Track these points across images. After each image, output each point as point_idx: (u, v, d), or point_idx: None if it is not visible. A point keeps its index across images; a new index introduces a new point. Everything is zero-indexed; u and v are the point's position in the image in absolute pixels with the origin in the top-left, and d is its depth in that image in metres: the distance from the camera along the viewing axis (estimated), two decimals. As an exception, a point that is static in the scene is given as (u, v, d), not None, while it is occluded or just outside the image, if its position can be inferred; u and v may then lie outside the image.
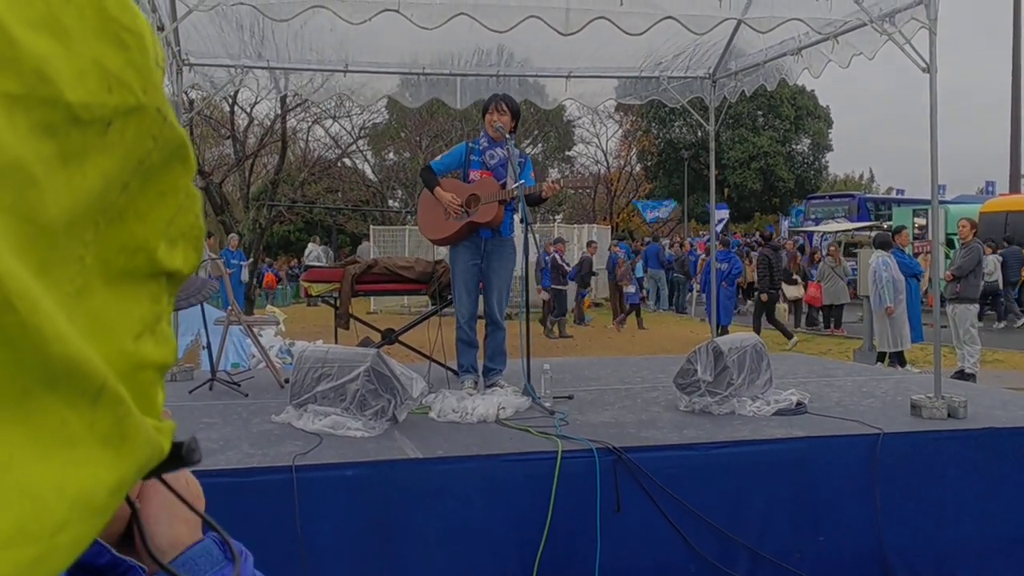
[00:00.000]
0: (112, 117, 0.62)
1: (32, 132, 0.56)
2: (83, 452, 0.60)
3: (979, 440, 5.65)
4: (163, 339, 0.71)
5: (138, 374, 0.67)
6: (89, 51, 0.60)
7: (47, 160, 0.57)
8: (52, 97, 0.57)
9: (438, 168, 7.12)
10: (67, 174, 0.59)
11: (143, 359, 0.68)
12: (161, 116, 0.66)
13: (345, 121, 35.34)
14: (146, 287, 0.69)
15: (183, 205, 0.71)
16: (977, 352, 13.58)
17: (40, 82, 0.56)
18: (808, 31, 7.69)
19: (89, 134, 0.60)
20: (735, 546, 5.14)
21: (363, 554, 4.71)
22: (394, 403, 5.59)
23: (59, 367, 0.57)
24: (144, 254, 0.68)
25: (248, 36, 8.27)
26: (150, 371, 0.69)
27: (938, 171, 6.38)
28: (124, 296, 0.67)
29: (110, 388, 0.61)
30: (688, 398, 6.27)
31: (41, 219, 0.56)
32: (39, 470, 0.56)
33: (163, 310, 0.72)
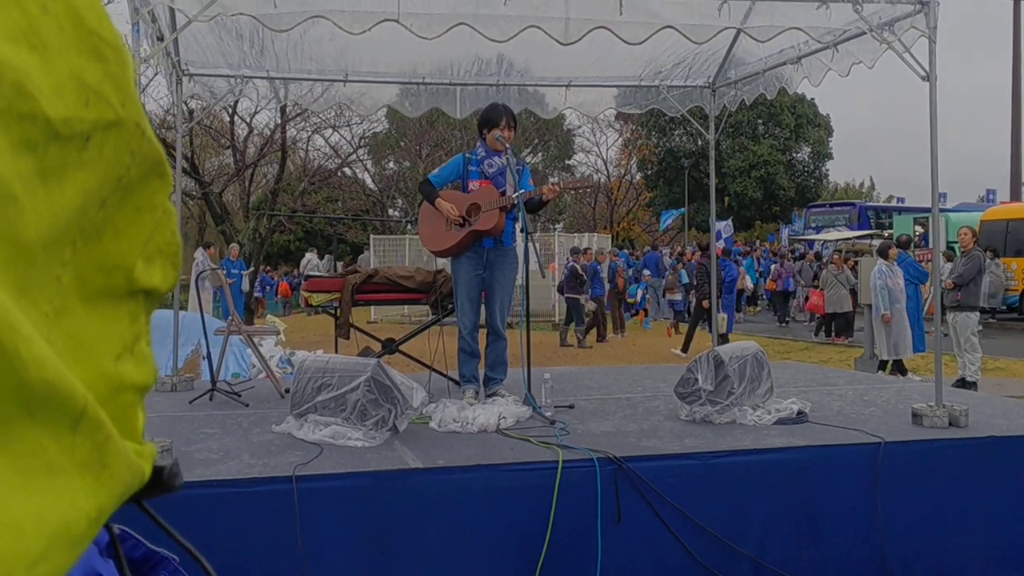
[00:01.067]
0: (91, 132, 0.60)
1: (11, 148, 0.55)
2: (62, 480, 0.58)
3: (980, 449, 5.64)
4: (143, 359, 0.69)
5: (118, 396, 0.66)
6: (67, 64, 0.59)
7: (26, 177, 0.56)
8: (31, 112, 0.56)
9: (436, 180, 7.11)
10: (46, 191, 0.57)
11: (123, 381, 0.66)
12: (140, 130, 0.65)
13: (345, 131, 35.37)
14: (124, 306, 0.68)
15: (160, 221, 0.70)
16: (978, 360, 13.56)
17: (19, 96, 0.55)
18: (808, 40, 7.69)
19: (68, 150, 0.59)
20: (736, 555, 5.13)
21: (364, 564, 4.70)
22: (395, 413, 5.58)
23: (38, 392, 0.55)
24: (122, 272, 0.66)
25: (248, 46, 8.28)
26: (130, 393, 0.67)
27: (938, 179, 6.38)
28: (102, 316, 0.65)
29: (90, 413, 0.59)
30: (689, 407, 6.26)
31: (20, 238, 0.55)
32: (16, 499, 0.54)
33: (142, 329, 0.70)
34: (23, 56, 0.56)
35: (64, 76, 0.58)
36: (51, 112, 0.57)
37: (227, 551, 4.47)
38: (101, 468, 0.61)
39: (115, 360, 0.66)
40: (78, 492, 0.59)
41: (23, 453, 0.55)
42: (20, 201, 0.55)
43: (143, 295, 0.69)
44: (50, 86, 0.57)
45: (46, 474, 0.57)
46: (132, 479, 0.66)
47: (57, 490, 0.57)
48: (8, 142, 0.55)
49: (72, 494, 0.58)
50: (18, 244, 0.55)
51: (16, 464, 0.55)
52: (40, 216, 0.57)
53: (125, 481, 0.64)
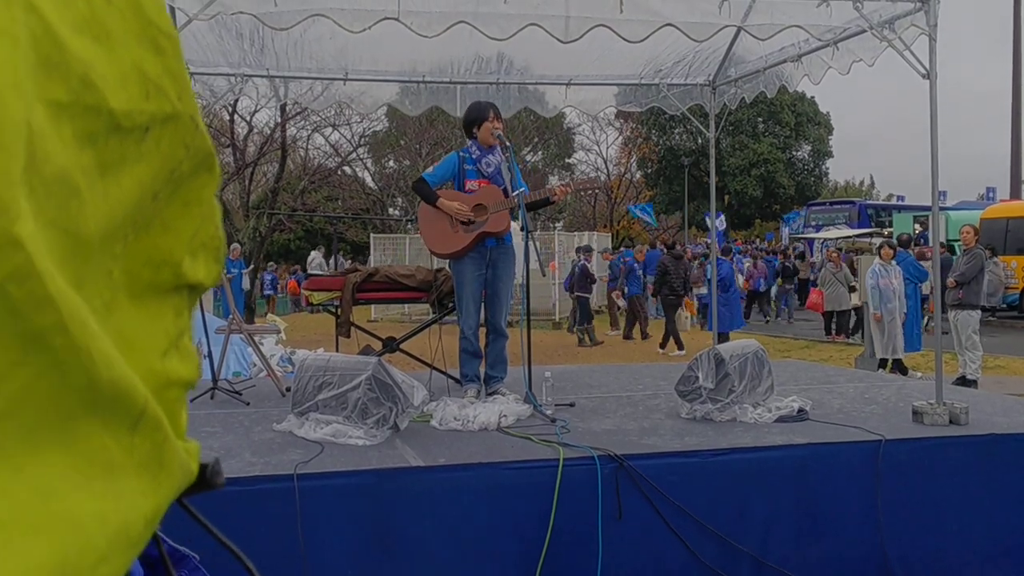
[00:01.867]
0: (150, 124, 0.60)
1: (75, 141, 0.54)
2: (122, 480, 0.58)
3: (981, 446, 5.64)
4: (187, 355, 0.69)
5: (166, 393, 0.65)
6: (130, 55, 0.59)
7: (88, 170, 0.55)
8: (97, 104, 0.55)
9: (432, 180, 7.06)
10: (104, 184, 0.57)
11: (170, 377, 0.65)
12: (194, 124, 0.65)
13: (345, 129, 35.35)
14: (170, 301, 0.67)
15: (206, 216, 0.69)
16: (979, 358, 13.55)
17: (86, 89, 0.54)
18: (808, 38, 7.69)
19: (127, 142, 0.59)
20: (737, 553, 5.13)
21: (365, 562, 4.70)
22: (395, 411, 5.58)
23: (105, 391, 0.55)
24: (170, 267, 0.66)
25: (248, 45, 8.27)
26: (176, 389, 0.67)
27: (938, 177, 6.38)
28: (149, 311, 0.64)
29: (150, 412, 0.59)
30: (689, 405, 6.26)
31: (81, 232, 0.55)
32: (81, 499, 0.54)
33: (186, 324, 0.69)
34: (88, 47, 0.55)
35: (127, 68, 0.58)
36: (115, 104, 0.57)
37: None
38: (159, 468, 0.60)
39: (162, 356, 0.65)
40: (137, 492, 0.59)
41: (87, 453, 0.55)
42: (83, 195, 0.55)
43: (187, 290, 0.69)
44: (114, 78, 0.57)
45: (108, 474, 0.57)
46: (183, 478, 0.65)
47: (117, 490, 0.57)
48: (72, 134, 0.54)
49: (131, 495, 0.58)
50: (78, 238, 0.55)
51: (81, 464, 0.55)
52: (98, 210, 0.56)
53: (178, 480, 0.64)
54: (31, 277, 0.50)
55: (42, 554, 0.52)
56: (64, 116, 0.54)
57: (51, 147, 0.52)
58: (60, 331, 0.51)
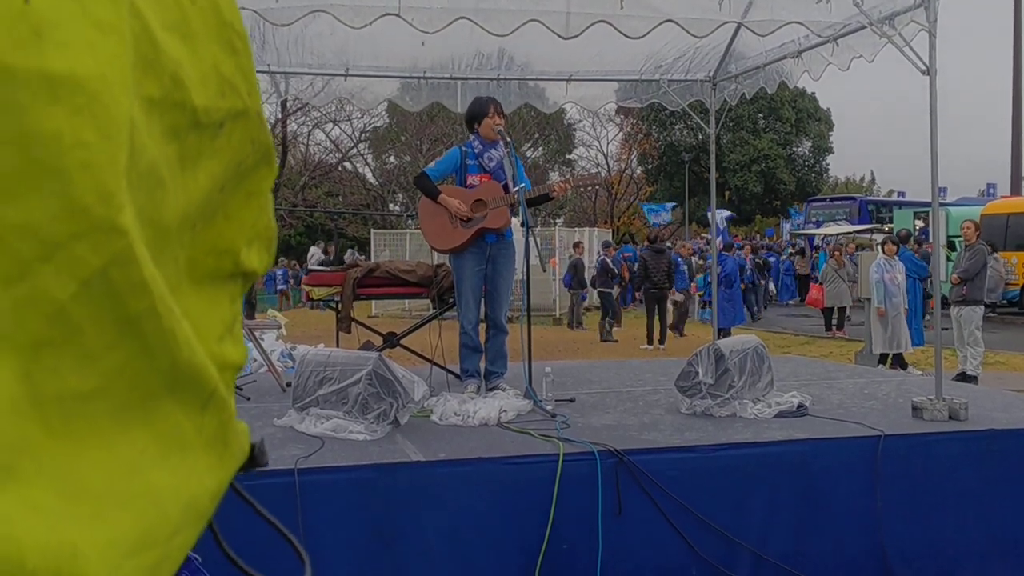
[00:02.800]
0: (224, 120, 0.63)
1: (163, 135, 0.57)
2: (192, 457, 0.61)
3: (980, 442, 5.65)
4: (239, 340, 0.72)
5: (222, 375, 0.67)
6: (210, 55, 0.61)
7: (172, 163, 0.58)
8: (183, 101, 0.58)
9: (434, 175, 7.06)
10: (183, 176, 0.59)
11: (226, 360, 0.68)
12: (260, 120, 0.67)
13: (345, 125, 35.40)
14: (226, 288, 0.69)
15: (264, 206, 0.72)
16: (980, 354, 13.55)
17: (175, 86, 0.57)
18: (808, 34, 7.70)
19: (204, 137, 0.61)
20: (737, 548, 5.15)
21: (365, 557, 4.71)
22: (396, 406, 5.59)
23: (185, 373, 0.58)
24: (230, 255, 0.68)
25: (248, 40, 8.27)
26: (230, 372, 0.69)
27: (939, 173, 6.38)
28: (208, 297, 0.67)
29: (219, 393, 0.61)
30: (689, 401, 6.27)
31: (162, 221, 0.57)
32: (160, 475, 0.57)
33: (238, 311, 0.72)
34: (178, 46, 0.58)
35: (207, 67, 0.61)
36: (197, 101, 0.59)
37: (228, 544, 4.47)
38: (224, 447, 0.63)
39: (219, 340, 0.68)
40: (204, 469, 0.62)
41: (165, 431, 0.58)
42: (166, 185, 0.57)
43: (242, 278, 0.71)
44: (197, 76, 0.59)
45: (181, 451, 0.60)
46: (241, 457, 0.68)
47: (189, 466, 0.61)
48: (161, 129, 0.57)
49: (200, 471, 0.62)
50: (159, 227, 0.57)
51: (158, 440, 0.58)
52: (178, 200, 0.59)
53: (238, 459, 0.67)
54: (131, 263, 0.53)
55: (128, 525, 0.54)
56: (155, 111, 0.56)
57: (145, 141, 0.55)
58: (152, 315, 0.54)
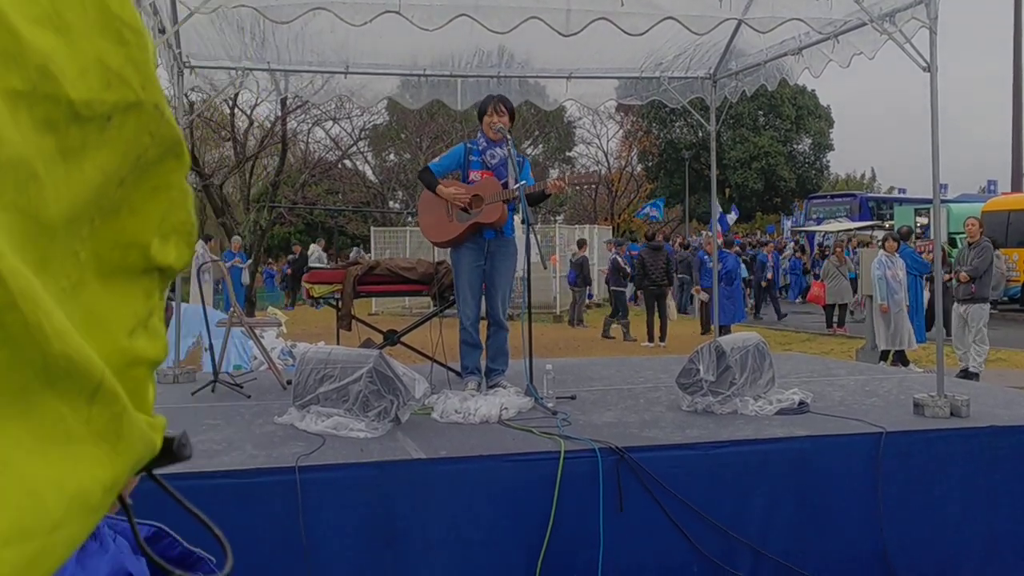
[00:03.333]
0: (112, 113, 0.62)
1: (34, 128, 0.56)
2: (80, 449, 0.59)
3: (982, 439, 5.65)
4: (155, 335, 0.71)
5: (132, 370, 0.67)
6: (91, 47, 0.60)
7: (48, 156, 0.57)
8: (55, 94, 0.57)
9: (437, 170, 7.09)
10: (67, 170, 0.59)
11: (137, 355, 0.68)
12: (159, 112, 0.66)
13: (345, 123, 35.31)
14: (139, 283, 0.69)
15: (176, 200, 0.71)
16: (985, 352, 13.54)
17: (44, 79, 0.56)
18: (809, 31, 7.69)
19: (89, 130, 0.60)
20: (738, 545, 5.15)
21: (366, 554, 4.71)
22: (397, 404, 5.59)
23: (58, 364, 0.56)
24: (138, 249, 0.68)
25: (249, 38, 8.27)
26: (143, 367, 0.69)
27: (940, 170, 6.38)
28: (118, 292, 0.66)
29: (107, 385, 0.60)
30: (691, 398, 6.27)
31: (42, 215, 0.56)
32: (37, 467, 0.56)
33: (155, 305, 0.71)
34: (48, 39, 0.57)
35: (88, 59, 0.60)
36: (74, 94, 0.58)
37: (230, 542, 4.47)
38: (117, 439, 0.62)
39: (129, 335, 0.67)
40: (94, 461, 0.61)
41: (43, 423, 0.57)
42: (41, 179, 0.56)
43: (157, 272, 0.71)
44: (74, 69, 0.58)
45: (64, 443, 0.58)
46: (145, 450, 0.67)
47: (75, 459, 0.59)
48: (31, 122, 0.56)
49: (89, 463, 0.60)
50: (39, 220, 0.56)
51: (36, 433, 0.56)
52: (61, 194, 0.58)
53: (138, 451, 0.66)
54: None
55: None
56: (22, 104, 0.55)
57: (6, 133, 0.54)
58: (12, 309, 0.53)
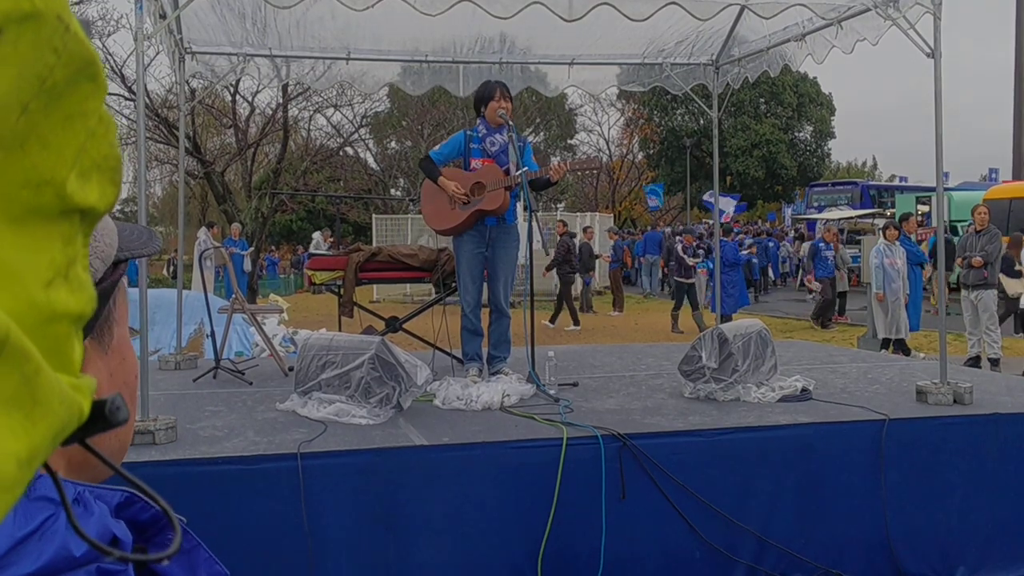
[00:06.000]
0: (2, 25, 0.54)
1: None
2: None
3: (984, 426, 5.64)
4: (78, 286, 0.63)
5: (50, 326, 0.60)
6: None
7: None
8: None
9: (438, 158, 7.07)
10: None
11: (55, 309, 0.60)
12: (63, 25, 0.58)
13: (347, 110, 35.22)
14: (56, 227, 0.61)
15: (95, 131, 0.63)
16: (999, 337, 13.53)
17: None
18: (812, 17, 7.65)
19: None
20: (740, 532, 5.14)
21: (368, 541, 4.71)
22: (399, 391, 5.58)
23: None
24: (51, 188, 0.60)
25: (250, 24, 8.24)
26: (64, 323, 0.61)
27: (943, 157, 6.36)
28: (30, 237, 0.59)
29: (14, 342, 0.54)
30: (693, 385, 6.26)
31: None
32: None
33: (77, 253, 0.63)
34: None
35: None
36: None
37: (232, 528, 4.48)
38: (32, 405, 0.56)
39: (45, 287, 0.60)
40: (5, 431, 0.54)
41: None
42: None
43: (79, 215, 0.63)
44: None
45: None
46: (69, 415, 0.60)
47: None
48: None
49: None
50: None
51: None
52: None
53: (61, 418, 0.58)
54: None
55: None
56: None
57: None
58: None
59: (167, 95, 25.75)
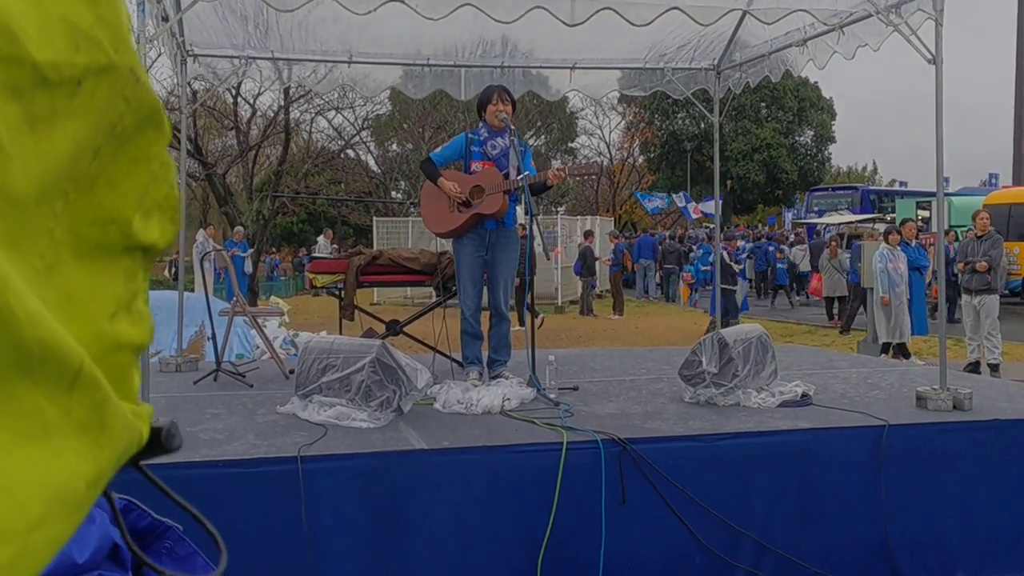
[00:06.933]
0: (82, 77, 0.58)
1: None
2: (59, 442, 0.56)
3: (984, 432, 5.64)
4: (139, 318, 0.67)
5: (113, 356, 0.63)
6: (56, 6, 0.56)
7: (14, 125, 0.53)
8: (18, 56, 0.53)
9: (439, 160, 7.08)
10: (35, 139, 0.55)
11: (119, 340, 0.64)
12: (134, 76, 0.62)
13: (348, 112, 35.25)
14: (120, 262, 0.65)
15: (157, 174, 0.67)
16: (1000, 343, 13.52)
17: (6, 40, 0.52)
18: (813, 22, 7.65)
19: (57, 96, 0.56)
20: (740, 537, 5.14)
21: (368, 545, 4.71)
22: (399, 394, 5.58)
23: (33, 351, 0.53)
24: (118, 226, 0.63)
25: (252, 27, 8.24)
26: (126, 352, 0.65)
27: (943, 162, 6.36)
28: (97, 272, 0.62)
29: (87, 372, 0.57)
30: (693, 389, 6.26)
31: (9, 190, 0.53)
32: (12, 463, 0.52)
33: (139, 287, 0.67)
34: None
35: (53, 19, 0.56)
36: (39, 57, 0.54)
37: (232, 531, 4.47)
38: (99, 430, 0.59)
39: (110, 318, 0.63)
40: (75, 455, 0.57)
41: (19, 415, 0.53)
42: (6, 150, 0.52)
43: (140, 251, 0.67)
44: (38, 29, 0.54)
45: (42, 437, 0.55)
46: (130, 441, 0.63)
47: (54, 453, 0.55)
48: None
49: (69, 457, 0.56)
50: (6, 195, 0.53)
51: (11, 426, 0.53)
52: (29, 166, 0.54)
53: (123, 442, 0.61)
54: None
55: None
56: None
57: None
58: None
59: (169, 97, 25.77)
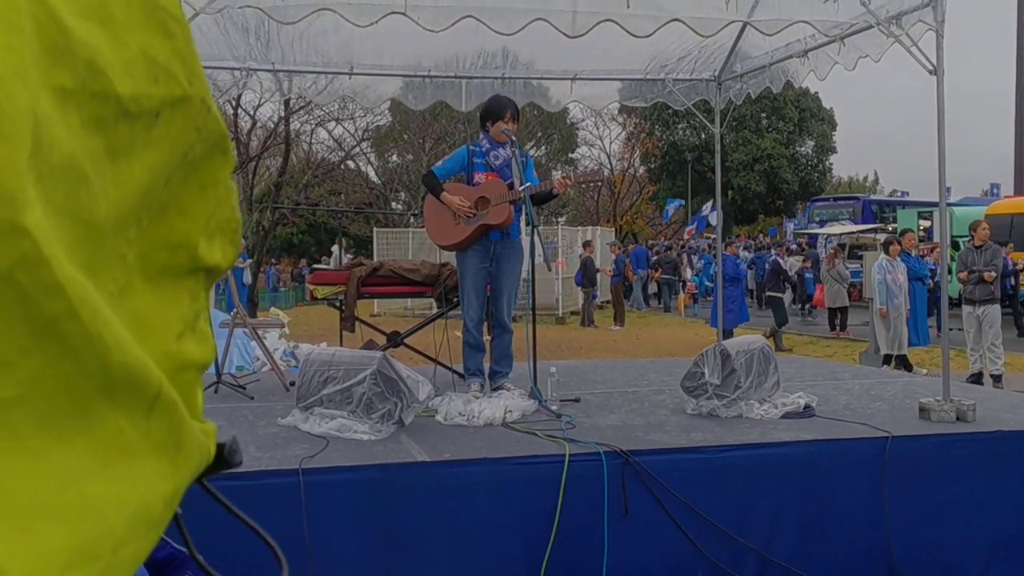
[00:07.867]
0: (159, 109, 0.60)
1: (83, 127, 0.54)
2: (139, 463, 0.58)
3: (988, 443, 5.63)
4: (203, 337, 0.69)
5: (180, 375, 0.65)
6: (136, 40, 0.58)
7: (97, 156, 0.55)
8: (103, 90, 0.55)
9: (440, 173, 7.07)
10: (115, 170, 0.57)
11: (185, 359, 0.66)
12: (205, 107, 0.64)
13: (348, 123, 35.34)
14: (186, 284, 0.67)
15: (222, 198, 0.69)
16: (1003, 353, 13.49)
17: (92, 75, 0.54)
18: (814, 33, 7.66)
19: (137, 127, 0.58)
20: (743, 549, 5.13)
21: (370, 557, 4.70)
22: (400, 406, 5.57)
23: (118, 376, 0.55)
24: (185, 250, 0.66)
25: (253, 39, 8.25)
26: (192, 371, 0.67)
27: (945, 173, 6.36)
28: (165, 294, 0.64)
29: (165, 395, 0.59)
30: (695, 401, 6.25)
31: (92, 218, 0.54)
32: (99, 484, 0.55)
33: (202, 307, 0.70)
34: (95, 33, 0.55)
35: (133, 53, 0.58)
36: (122, 90, 0.56)
37: (233, 544, 4.45)
38: (176, 450, 0.62)
39: (177, 339, 0.65)
40: (155, 474, 0.59)
41: (104, 437, 0.55)
42: (91, 181, 0.54)
43: (204, 272, 0.69)
44: (120, 63, 0.56)
45: (125, 457, 0.57)
46: (201, 458, 0.66)
47: (135, 473, 0.58)
48: (80, 121, 0.54)
49: (149, 476, 0.59)
50: (89, 224, 0.54)
51: (97, 448, 0.55)
52: (109, 195, 0.56)
53: (196, 461, 0.64)
54: (39, 264, 0.50)
55: (60, 539, 0.52)
56: (71, 102, 0.53)
57: (58, 134, 0.52)
58: (71, 317, 0.51)
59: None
